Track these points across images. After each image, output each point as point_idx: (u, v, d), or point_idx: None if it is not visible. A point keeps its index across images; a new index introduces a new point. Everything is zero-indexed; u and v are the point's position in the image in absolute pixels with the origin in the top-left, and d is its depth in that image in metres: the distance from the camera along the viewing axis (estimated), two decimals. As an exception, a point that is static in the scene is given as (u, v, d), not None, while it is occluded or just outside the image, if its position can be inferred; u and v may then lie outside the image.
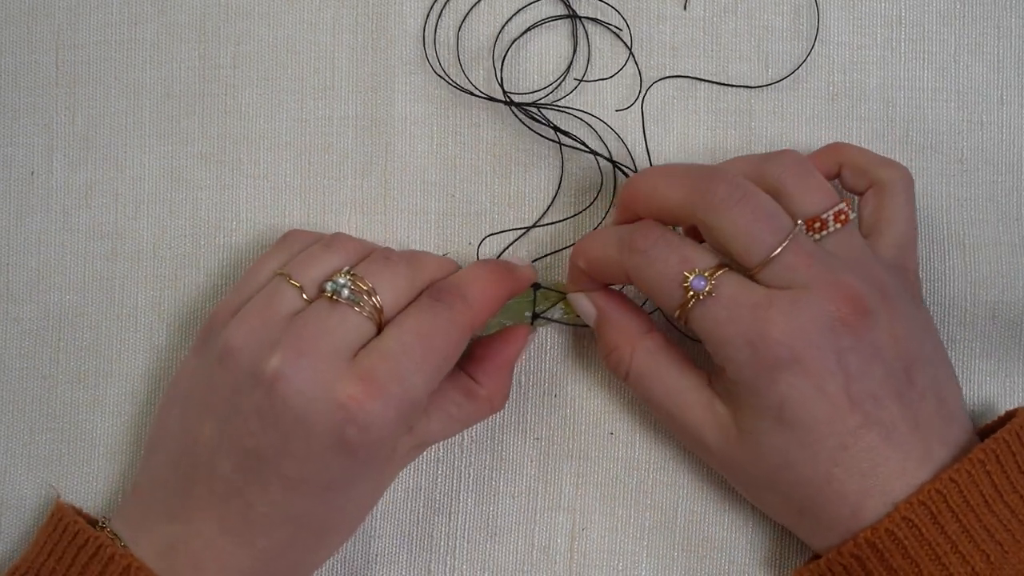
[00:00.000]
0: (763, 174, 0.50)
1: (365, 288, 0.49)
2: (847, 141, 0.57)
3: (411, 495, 0.57)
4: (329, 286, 0.49)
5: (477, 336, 0.55)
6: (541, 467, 0.57)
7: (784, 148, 0.53)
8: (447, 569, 0.57)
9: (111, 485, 0.58)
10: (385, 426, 0.48)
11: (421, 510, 0.57)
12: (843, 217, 0.49)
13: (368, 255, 0.52)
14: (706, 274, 0.48)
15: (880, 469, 0.48)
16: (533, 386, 0.58)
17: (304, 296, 0.50)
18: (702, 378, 0.52)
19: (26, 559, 0.51)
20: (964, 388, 0.57)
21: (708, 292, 0.48)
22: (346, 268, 0.50)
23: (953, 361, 0.57)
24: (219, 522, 0.49)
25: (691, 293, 0.48)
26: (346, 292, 0.49)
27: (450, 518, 0.57)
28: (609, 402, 0.58)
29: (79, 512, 0.55)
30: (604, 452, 0.57)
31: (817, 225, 0.49)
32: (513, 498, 0.57)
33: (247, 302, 0.51)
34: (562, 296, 0.56)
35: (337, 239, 0.52)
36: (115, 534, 0.51)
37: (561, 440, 0.57)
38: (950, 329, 0.57)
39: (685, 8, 0.57)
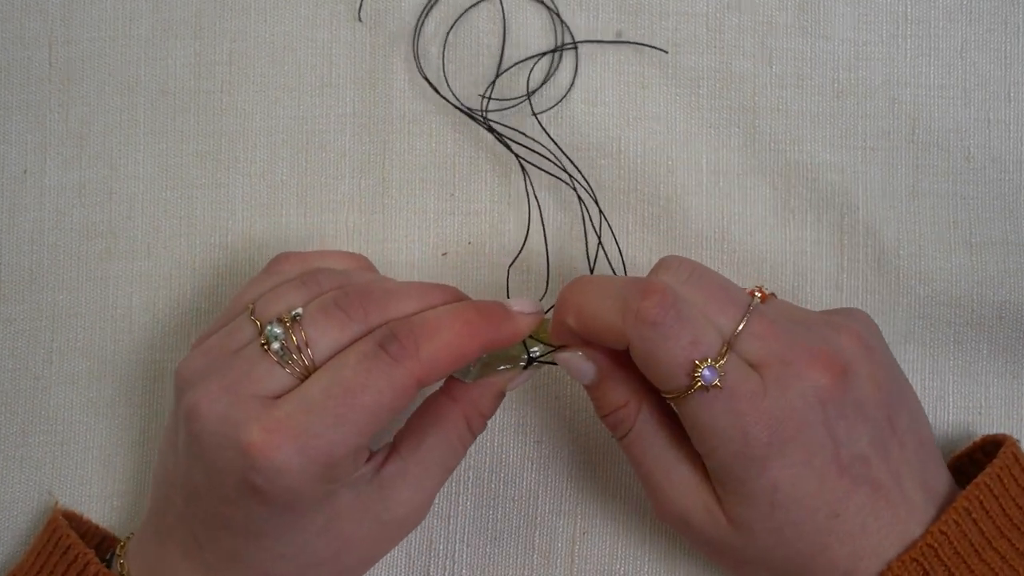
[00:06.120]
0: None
1: (296, 345, 0.46)
2: (852, 140, 0.57)
3: (410, 498, 0.57)
4: (267, 331, 0.47)
5: (462, 379, 0.51)
6: (542, 470, 0.57)
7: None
8: (447, 574, 0.57)
9: (105, 488, 0.57)
10: (294, 477, 0.45)
11: (420, 513, 0.57)
12: (769, 292, 0.49)
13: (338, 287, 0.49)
14: (716, 365, 0.46)
15: (870, 528, 0.47)
16: (534, 388, 0.57)
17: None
18: (692, 455, 0.49)
19: (21, 567, 0.52)
20: (970, 390, 0.57)
21: (716, 385, 0.46)
22: (294, 311, 0.47)
23: (959, 362, 0.57)
24: (181, 550, 0.49)
25: (699, 384, 0.46)
26: (277, 346, 0.46)
27: (449, 522, 0.57)
28: (611, 404, 0.57)
29: (80, 519, 0.56)
30: (605, 455, 0.57)
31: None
32: (514, 501, 0.57)
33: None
34: (553, 349, 0.50)
35: (317, 275, 0.49)
36: (123, 549, 0.52)
37: (562, 443, 0.57)
38: (956, 329, 0.57)
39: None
